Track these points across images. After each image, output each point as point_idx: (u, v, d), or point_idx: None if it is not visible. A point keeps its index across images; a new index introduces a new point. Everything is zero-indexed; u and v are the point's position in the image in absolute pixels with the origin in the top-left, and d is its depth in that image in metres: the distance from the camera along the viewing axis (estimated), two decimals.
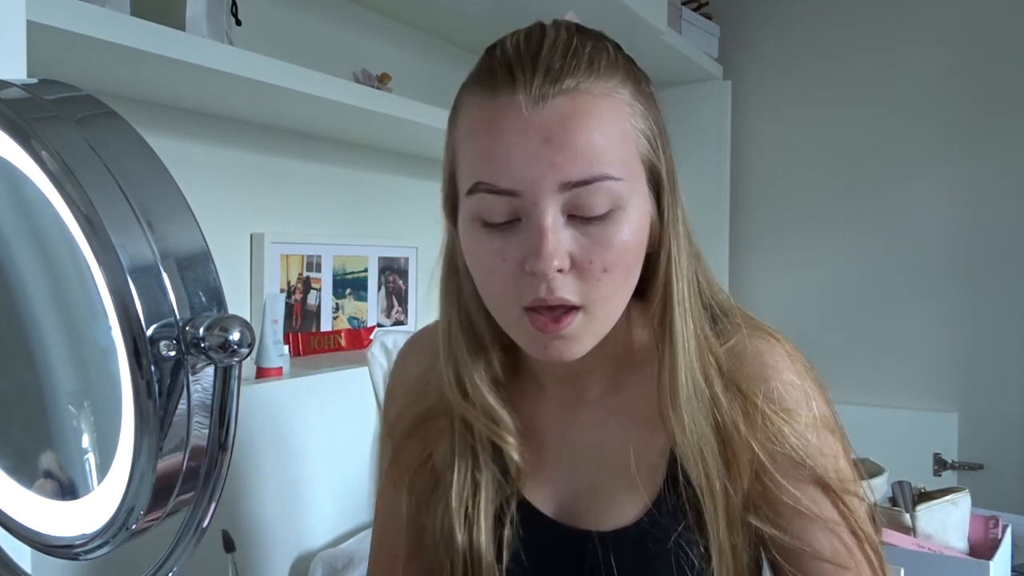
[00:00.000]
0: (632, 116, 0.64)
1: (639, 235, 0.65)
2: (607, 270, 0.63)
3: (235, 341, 0.35)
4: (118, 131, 0.38)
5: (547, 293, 0.62)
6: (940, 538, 1.26)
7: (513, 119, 0.61)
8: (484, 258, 0.64)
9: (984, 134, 2.02)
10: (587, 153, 0.61)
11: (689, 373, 0.68)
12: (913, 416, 2.06)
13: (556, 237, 0.61)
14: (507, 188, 0.61)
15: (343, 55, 1.51)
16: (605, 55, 0.64)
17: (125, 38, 0.88)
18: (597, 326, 0.65)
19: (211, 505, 0.38)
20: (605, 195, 0.61)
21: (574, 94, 0.61)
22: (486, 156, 0.62)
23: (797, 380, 0.71)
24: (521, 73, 0.61)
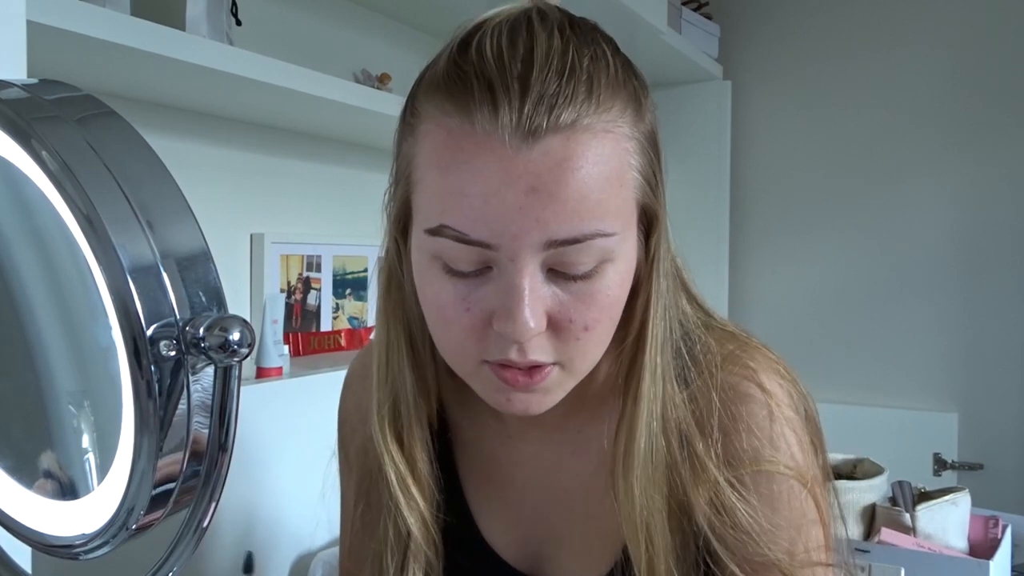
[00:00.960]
0: (631, 154, 0.54)
1: (625, 285, 0.56)
2: (588, 328, 0.54)
3: (235, 341, 0.35)
4: (118, 131, 0.38)
5: (519, 356, 0.53)
6: (940, 538, 1.26)
7: (493, 158, 0.49)
8: (443, 304, 0.54)
9: (984, 134, 2.02)
10: (580, 208, 0.50)
11: (648, 437, 0.58)
12: (913, 416, 2.06)
13: (535, 297, 0.51)
14: (479, 240, 0.51)
15: (343, 55, 1.51)
16: (604, 69, 0.53)
17: (125, 38, 0.88)
18: (572, 378, 0.57)
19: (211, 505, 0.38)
20: (595, 252, 0.52)
21: (570, 132, 0.50)
22: (457, 198, 0.51)
23: (768, 425, 0.61)
24: (505, 98, 0.49)
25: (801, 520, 0.61)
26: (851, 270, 2.17)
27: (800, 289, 2.24)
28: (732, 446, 0.60)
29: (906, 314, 2.10)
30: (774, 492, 0.60)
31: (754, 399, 0.61)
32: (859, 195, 2.15)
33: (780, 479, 0.60)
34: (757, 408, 0.61)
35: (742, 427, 0.60)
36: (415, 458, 0.65)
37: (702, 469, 0.59)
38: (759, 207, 2.29)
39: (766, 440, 0.60)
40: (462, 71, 0.52)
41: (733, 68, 2.27)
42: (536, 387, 0.55)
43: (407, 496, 0.64)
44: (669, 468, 0.60)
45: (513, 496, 0.69)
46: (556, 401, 0.58)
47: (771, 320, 2.25)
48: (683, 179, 2.23)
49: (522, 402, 0.56)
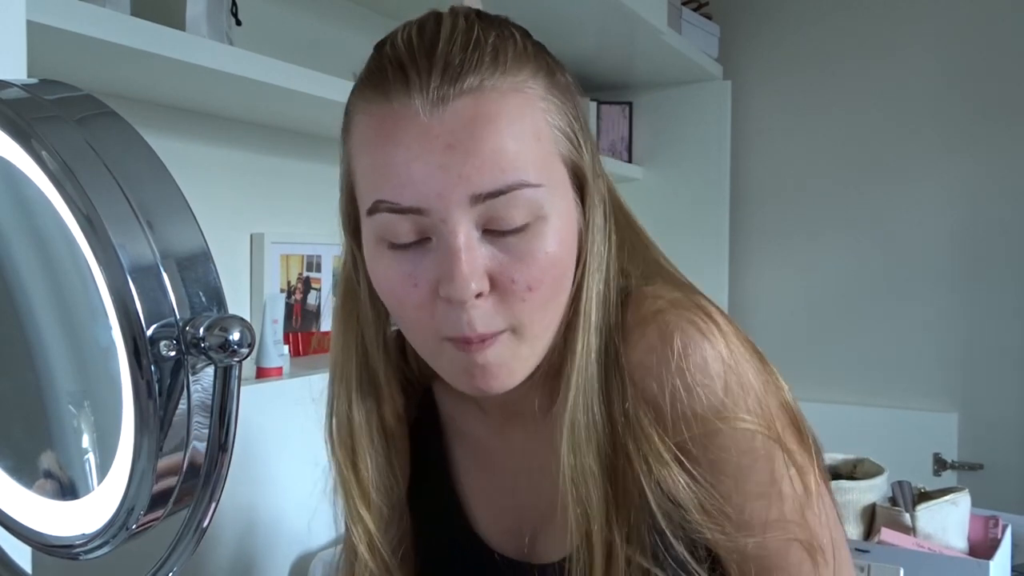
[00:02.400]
0: (547, 112, 0.56)
1: (565, 246, 0.57)
2: (531, 288, 0.55)
3: (235, 341, 0.35)
4: (118, 131, 0.38)
5: (469, 329, 0.54)
6: (940, 538, 1.26)
7: (410, 126, 0.53)
8: (394, 284, 0.57)
9: (984, 134, 2.02)
10: (498, 159, 0.53)
11: (582, 401, 0.58)
12: (913, 416, 2.06)
13: (471, 256, 0.53)
14: (410, 206, 0.53)
15: (343, 55, 1.50)
16: (512, 45, 0.56)
17: (125, 38, 0.88)
18: (527, 348, 0.57)
19: (211, 505, 0.38)
20: (523, 205, 0.54)
21: (478, 93, 0.53)
22: (384, 171, 0.54)
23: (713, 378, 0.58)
24: (415, 73, 0.53)
25: (762, 483, 0.59)
26: (851, 270, 2.17)
27: (800, 289, 2.24)
28: (675, 404, 0.58)
29: (906, 314, 2.10)
30: (726, 447, 0.58)
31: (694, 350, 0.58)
32: (859, 195, 2.15)
33: (732, 432, 0.58)
34: (697, 359, 0.58)
35: (683, 379, 0.58)
36: (362, 476, 0.66)
37: (638, 431, 0.58)
38: (759, 207, 2.29)
39: (715, 392, 0.58)
40: (379, 64, 0.56)
41: (733, 68, 2.27)
42: (489, 354, 0.55)
43: (353, 514, 0.66)
44: (607, 431, 0.59)
45: (504, 484, 0.70)
46: (520, 376, 0.58)
47: (771, 320, 2.25)
48: (683, 179, 2.23)
49: (483, 379, 0.56)
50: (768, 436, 0.59)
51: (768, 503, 0.59)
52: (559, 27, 1.71)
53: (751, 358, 0.61)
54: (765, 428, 0.59)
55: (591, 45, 1.89)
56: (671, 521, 0.58)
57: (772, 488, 0.59)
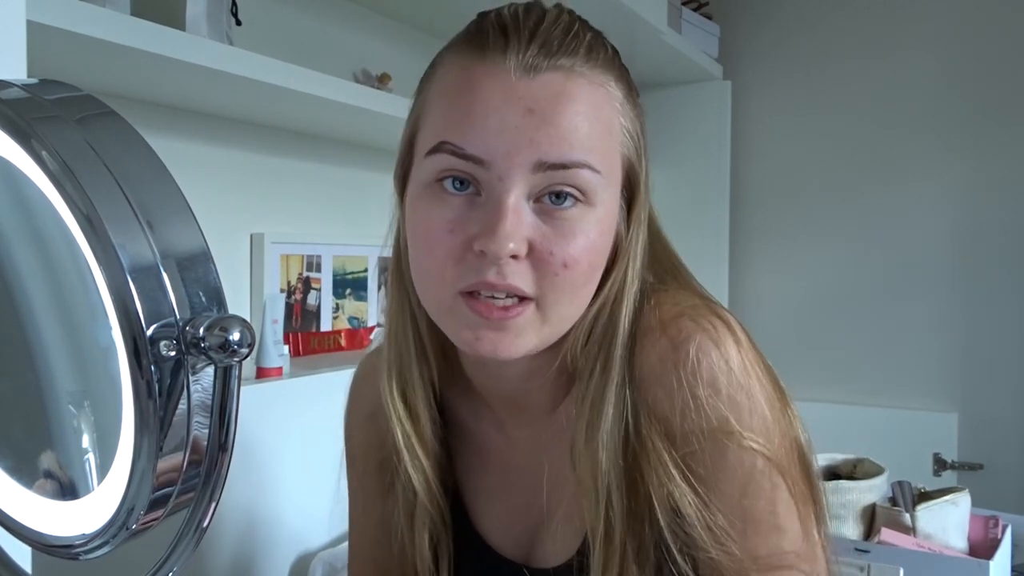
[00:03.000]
0: (622, 114, 0.59)
1: (604, 239, 0.58)
2: (567, 266, 0.55)
3: (235, 341, 0.35)
4: (118, 131, 0.38)
5: (496, 277, 0.54)
6: (940, 538, 1.26)
7: (498, 82, 0.54)
8: (429, 227, 0.56)
9: (984, 134, 2.02)
10: (571, 136, 0.54)
11: (615, 409, 0.59)
12: (913, 416, 2.06)
13: (517, 218, 0.54)
14: (474, 154, 0.54)
15: (343, 55, 1.51)
16: (604, 50, 0.60)
17: (125, 38, 0.88)
18: (547, 325, 0.57)
19: (211, 505, 0.38)
20: (579, 185, 0.55)
21: (568, 73, 0.55)
22: (459, 115, 0.55)
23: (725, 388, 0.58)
24: (516, 38, 0.55)
25: (760, 506, 0.58)
26: (851, 270, 2.17)
27: (800, 289, 2.24)
28: (683, 415, 0.58)
29: (906, 314, 2.10)
30: (730, 466, 0.58)
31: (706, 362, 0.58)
32: (859, 195, 2.15)
33: (738, 451, 0.57)
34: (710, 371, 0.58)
35: (694, 390, 0.58)
36: (419, 416, 0.67)
37: (655, 450, 0.58)
38: (759, 207, 2.29)
39: (722, 407, 0.58)
40: (481, 26, 0.58)
41: (733, 68, 2.27)
42: (509, 323, 0.55)
43: (412, 454, 0.66)
44: (624, 439, 0.60)
45: (508, 485, 0.70)
46: (525, 349, 0.57)
47: (771, 320, 2.25)
48: (683, 179, 2.23)
49: (491, 342, 0.56)
50: (771, 460, 0.58)
51: (770, 531, 0.58)
52: None
53: (766, 379, 0.61)
54: (770, 451, 0.58)
55: None
56: (677, 538, 0.58)
57: (773, 516, 0.58)
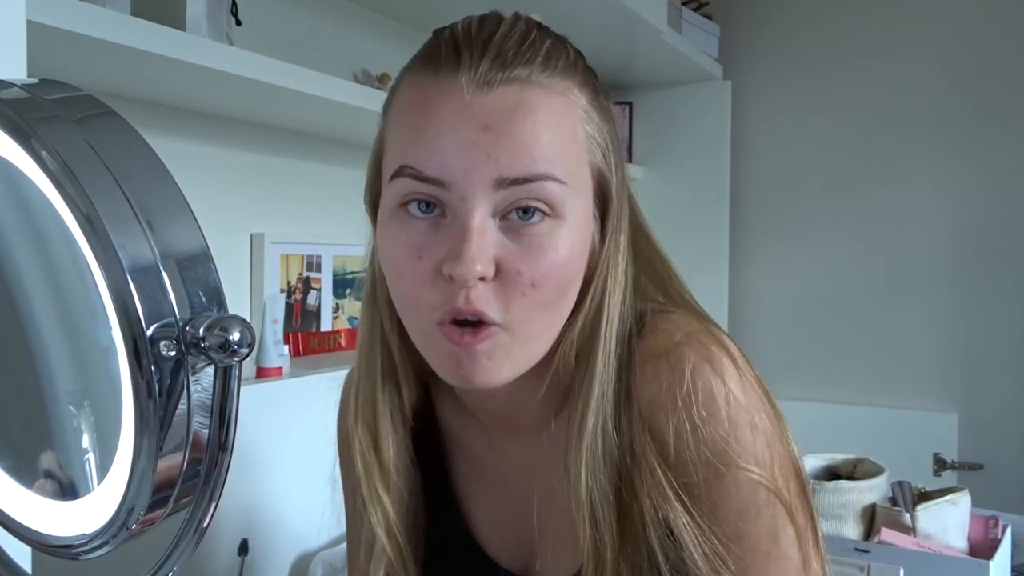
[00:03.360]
0: (586, 122, 0.57)
1: (577, 252, 0.57)
2: (535, 285, 0.54)
3: (235, 341, 0.35)
4: (118, 131, 0.38)
5: (464, 303, 0.53)
6: (940, 538, 1.26)
7: (452, 100, 0.54)
8: (398, 254, 0.56)
9: (984, 134, 2.02)
10: (530, 148, 0.53)
11: (596, 417, 0.58)
12: (913, 416, 2.06)
13: (482, 239, 0.53)
14: (434, 176, 0.53)
15: (343, 55, 1.51)
16: (564, 55, 0.58)
17: (125, 38, 0.88)
18: (519, 349, 0.56)
19: (211, 505, 0.38)
20: (544, 198, 0.54)
21: (524, 85, 0.54)
22: (415, 137, 0.55)
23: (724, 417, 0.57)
24: (468, 54, 0.55)
25: (759, 536, 0.57)
26: (851, 270, 2.17)
27: (800, 289, 2.24)
28: (682, 442, 0.57)
29: (906, 314, 2.10)
30: (728, 493, 0.57)
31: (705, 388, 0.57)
32: (859, 195, 2.15)
33: (736, 479, 0.56)
34: (709, 397, 0.57)
35: (694, 418, 0.57)
36: (382, 448, 0.66)
37: (649, 471, 0.57)
38: (759, 207, 2.29)
39: (721, 434, 0.57)
40: (435, 44, 0.58)
41: (733, 68, 2.27)
42: (479, 348, 0.54)
43: (371, 489, 0.65)
44: (618, 458, 0.58)
45: (503, 496, 0.69)
46: (508, 374, 0.56)
47: (771, 320, 2.25)
48: (683, 179, 2.23)
49: (469, 370, 0.55)
50: (771, 490, 0.57)
51: (768, 560, 0.57)
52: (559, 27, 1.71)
53: (765, 404, 0.60)
54: (770, 480, 0.57)
55: (591, 45, 1.87)
56: (668, 561, 0.57)
57: (773, 546, 0.57)
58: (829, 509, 1.29)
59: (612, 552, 0.57)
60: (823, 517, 1.29)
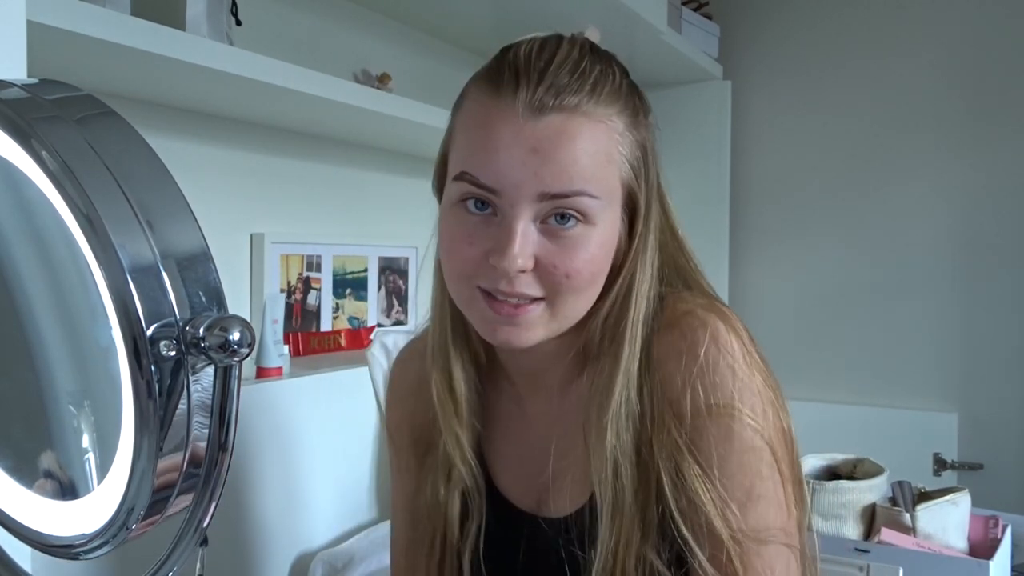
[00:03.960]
0: (621, 144, 0.67)
1: (605, 250, 0.67)
2: (569, 276, 0.65)
3: (235, 341, 0.35)
4: (118, 131, 0.38)
5: (507, 286, 0.64)
6: (940, 538, 1.26)
7: (508, 122, 0.63)
8: (454, 237, 0.67)
9: (984, 134, 2.02)
10: (570, 169, 0.63)
11: (624, 391, 0.68)
12: (913, 416, 2.06)
13: (525, 240, 0.63)
14: (489, 185, 0.64)
15: (343, 55, 1.51)
16: (610, 81, 0.67)
17: (125, 38, 0.88)
18: (555, 321, 0.67)
19: (211, 505, 0.38)
20: (580, 209, 0.64)
21: (571, 113, 0.64)
22: (476, 150, 0.65)
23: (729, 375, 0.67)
24: (526, 80, 0.64)
25: (755, 481, 0.66)
26: (851, 270, 2.17)
27: (800, 289, 2.24)
28: (692, 396, 0.66)
29: (906, 314, 2.10)
30: (731, 441, 0.66)
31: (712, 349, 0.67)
32: (859, 195, 2.15)
33: (739, 428, 0.66)
34: (715, 357, 0.67)
35: (701, 371, 0.67)
36: (457, 395, 0.76)
37: (666, 431, 0.67)
38: (759, 207, 2.29)
39: (727, 389, 0.66)
40: (500, 64, 0.67)
41: (733, 68, 2.27)
42: (520, 319, 0.66)
43: (449, 428, 0.76)
44: (638, 420, 0.68)
45: (522, 451, 0.79)
46: (538, 339, 0.67)
47: (771, 320, 2.25)
48: (683, 179, 2.22)
49: (505, 334, 0.66)
50: (766, 442, 0.67)
51: (762, 505, 0.66)
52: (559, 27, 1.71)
53: (762, 368, 0.69)
54: (765, 433, 0.67)
55: None
56: (678, 506, 0.66)
57: (765, 489, 0.67)
58: (829, 509, 1.29)
59: (629, 503, 0.67)
60: (823, 517, 1.29)
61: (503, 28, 1.69)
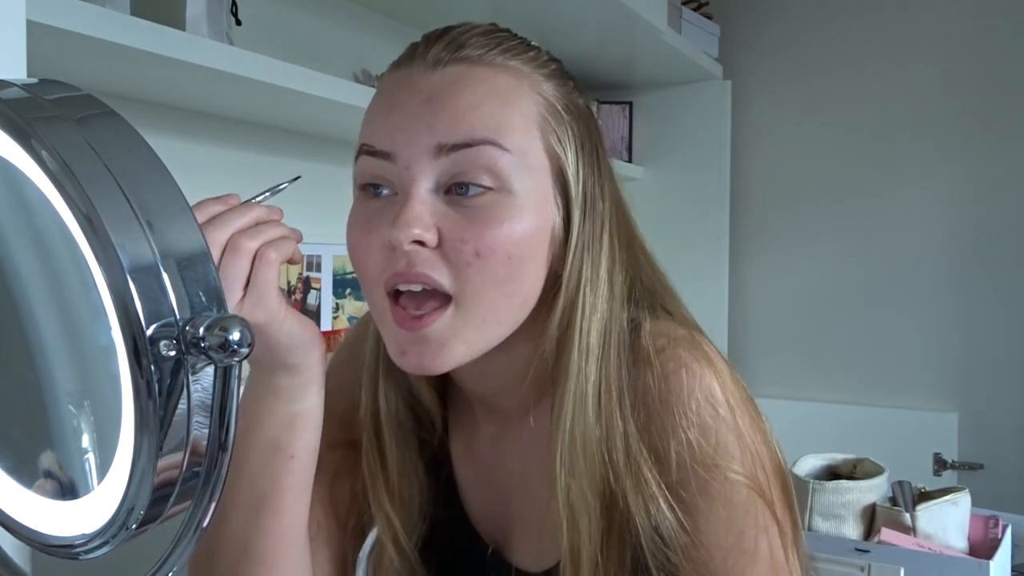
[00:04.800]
0: (544, 106, 0.57)
1: (529, 231, 0.56)
2: (480, 254, 0.54)
3: (235, 341, 0.35)
4: (118, 131, 0.38)
5: (405, 266, 0.54)
6: (940, 538, 1.26)
7: (402, 84, 0.57)
8: (354, 231, 0.58)
9: (985, 135, 2.02)
10: (469, 115, 0.54)
11: (575, 419, 0.57)
12: (913, 416, 2.06)
13: (422, 206, 0.54)
14: (381, 149, 0.56)
15: (343, 55, 1.51)
16: (532, 52, 0.59)
17: (125, 38, 0.88)
18: (469, 330, 0.56)
19: (211, 505, 0.38)
20: (488, 166, 0.54)
21: (473, 63, 0.56)
22: (369, 119, 0.59)
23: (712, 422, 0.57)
24: (424, 45, 0.58)
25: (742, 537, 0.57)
26: (851, 270, 2.17)
27: (800, 289, 2.24)
28: (669, 443, 0.57)
29: (906, 314, 2.10)
30: (715, 496, 0.57)
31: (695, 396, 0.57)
32: (859, 195, 2.15)
33: (723, 483, 0.56)
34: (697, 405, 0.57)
35: (682, 422, 0.57)
36: (388, 464, 0.66)
37: (638, 472, 0.57)
38: (759, 207, 2.29)
39: (707, 435, 0.57)
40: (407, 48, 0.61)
41: (733, 68, 2.27)
42: (427, 333, 0.55)
43: (376, 502, 0.66)
44: (605, 460, 0.58)
45: (488, 476, 0.69)
46: (456, 359, 0.56)
47: (771, 320, 2.25)
48: (683, 179, 2.23)
49: (416, 355, 0.56)
50: (754, 490, 0.57)
51: (752, 563, 0.57)
52: (559, 27, 1.71)
53: (748, 408, 0.60)
54: (752, 480, 0.57)
55: (591, 45, 1.89)
56: (657, 561, 0.57)
57: (755, 543, 0.57)
58: (829, 509, 1.29)
59: (590, 551, 0.58)
60: (823, 517, 1.29)
61: None
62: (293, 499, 0.61)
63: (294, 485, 0.60)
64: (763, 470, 0.58)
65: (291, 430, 0.60)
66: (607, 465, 0.58)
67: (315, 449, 0.62)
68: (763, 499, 0.58)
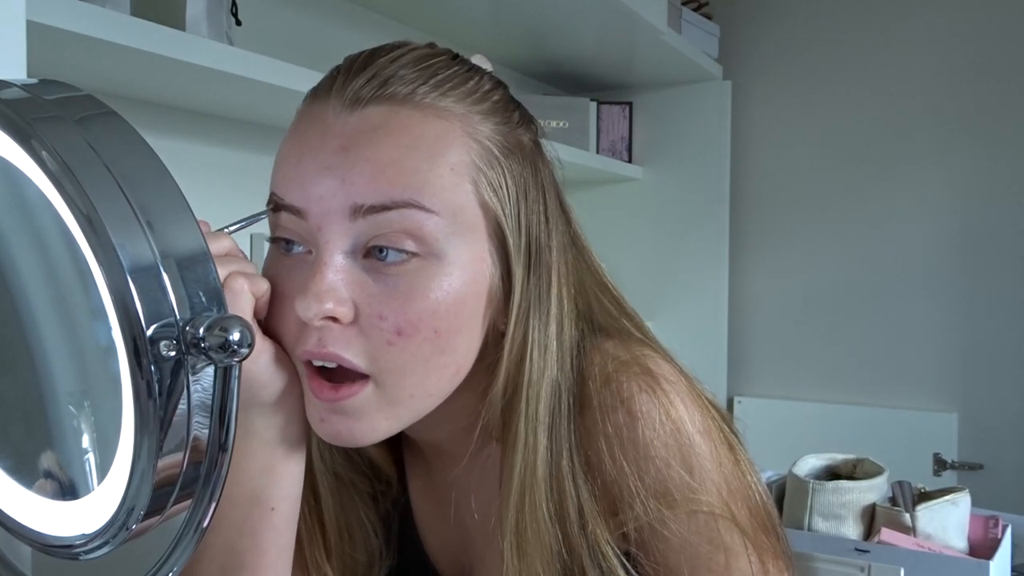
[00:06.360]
0: (477, 153, 0.50)
1: (460, 298, 0.49)
2: (401, 332, 0.47)
3: (235, 341, 0.35)
4: (118, 131, 0.38)
5: (315, 345, 0.48)
6: (940, 538, 1.26)
7: (316, 123, 0.50)
8: (271, 288, 0.52)
9: (985, 135, 2.02)
10: (389, 171, 0.47)
11: (528, 514, 0.52)
12: (913, 416, 2.06)
13: (334, 275, 0.47)
14: (292, 204, 0.49)
15: (343, 55, 1.50)
16: (471, 82, 0.52)
17: (125, 38, 0.88)
18: (393, 406, 0.50)
19: (211, 505, 0.38)
20: (410, 229, 0.47)
21: (398, 103, 0.49)
22: (279, 165, 0.52)
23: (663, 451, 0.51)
24: (345, 76, 0.50)
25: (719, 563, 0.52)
26: (851, 270, 2.17)
27: (800, 289, 2.24)
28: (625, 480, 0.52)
29: (906, 314, 2.10)
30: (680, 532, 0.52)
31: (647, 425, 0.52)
32: (859, 195, 2.15)
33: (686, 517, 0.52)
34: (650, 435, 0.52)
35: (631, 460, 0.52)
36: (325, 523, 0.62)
37: (595, 542, 0.52)
38: (759, 207, 2.29)
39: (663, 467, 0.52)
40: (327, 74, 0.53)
41: (733, 68, 2.27)
42: (343, 405, 0.49)
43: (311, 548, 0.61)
44: (558, 536, 0.53)
45: (446, 513, 0.64)
46: (380, 433, 0.51)
47: (771, 320, 2.25)
48: (683, 179, 2.23)
49: (334, 426, 0.50)
50: (722, 517, 0.53)
51: None
52: (559, 27, 1.71)
53: (711, 432, 0.54)
54: (721, 508, 0.53)
55: (591, 45, 1.89)
56: None
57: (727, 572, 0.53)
58: (829, 509, 1.29)
59: None
60: (823, 517, 1.29)
61: (503, 29, 1.69)
62: (275, 556, 0.54)
63: (277, 540, 0.54)
64: (731, 495, 0.54)
65: (270, 477, 0.53)
66: (560, 541, 0.53)
67: (296, 499, 0.56)
68: (738, 528, 0.53)
